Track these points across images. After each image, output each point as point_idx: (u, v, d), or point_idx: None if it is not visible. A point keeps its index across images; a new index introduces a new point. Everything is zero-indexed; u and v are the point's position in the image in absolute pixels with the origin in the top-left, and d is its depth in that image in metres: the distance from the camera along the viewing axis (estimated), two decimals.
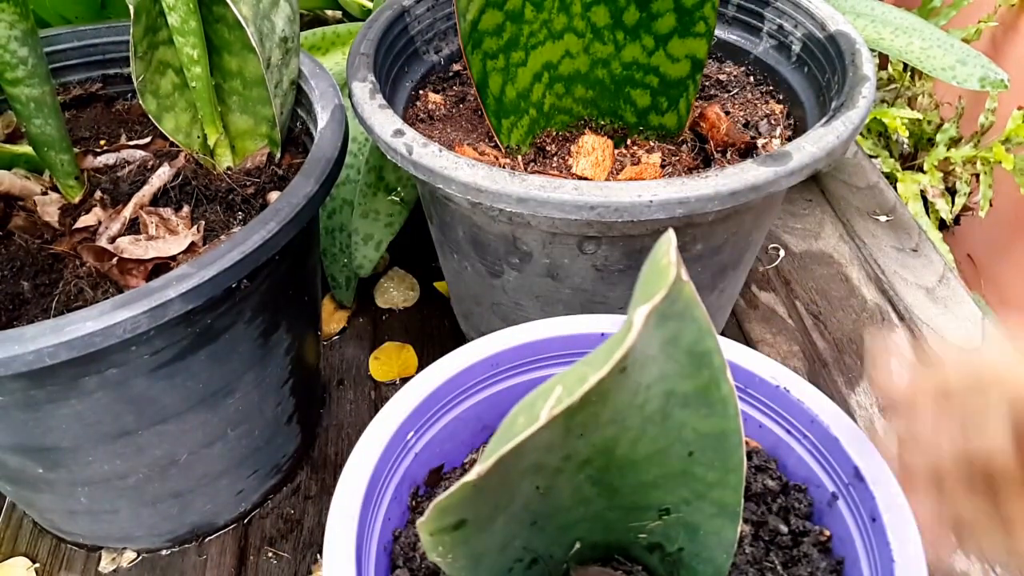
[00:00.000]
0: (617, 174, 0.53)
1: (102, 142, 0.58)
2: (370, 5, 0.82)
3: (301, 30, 0.56)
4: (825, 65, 0.53)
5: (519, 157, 0.55)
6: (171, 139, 0.52)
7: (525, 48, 0.52)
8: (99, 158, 0.55)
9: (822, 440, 0.38)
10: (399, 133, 0.47)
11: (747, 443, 0.41)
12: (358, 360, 0.71)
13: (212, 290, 0.39)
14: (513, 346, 0.41)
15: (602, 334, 0.42)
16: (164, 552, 0.56)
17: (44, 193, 0.52)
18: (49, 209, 0.50)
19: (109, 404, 0.43)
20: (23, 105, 0.46)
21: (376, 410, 0.67)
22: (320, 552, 0.56)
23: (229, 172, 0.53)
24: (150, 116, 0.50)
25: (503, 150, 0.54)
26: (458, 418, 0.41)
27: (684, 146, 0.55)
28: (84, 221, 0.49)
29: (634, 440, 0.29)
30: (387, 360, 0.71)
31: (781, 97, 0.57)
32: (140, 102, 0.49)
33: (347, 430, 0.65)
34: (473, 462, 0.43)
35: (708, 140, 0.55)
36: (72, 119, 0.59)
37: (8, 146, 0.54)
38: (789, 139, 0.54)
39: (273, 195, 0.51)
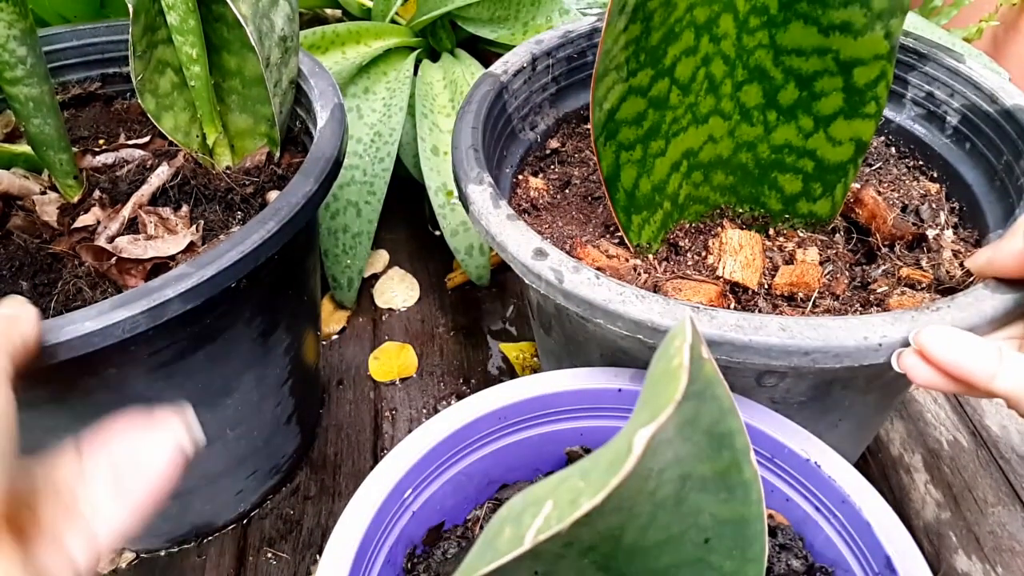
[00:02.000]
0: (772, 276, 0.46)
1: (100, 141, 0.58)
2: (370, 4, 0.81)
3: (300, 29, 0.56)
4: (1001, 146, 0.47)
5: (650, 256, 0.48)
6: (170, 138, 0.52)
7: (666, 136, 0.45)
8: (98, 157, 0.55)
9: (853, 522, 0.35)
10: (541, 254, 0.39)
11: (772, 517, 0.39)
12: (358, 360, 0.71)
13: (211, 290, 0.39)
14: (522, 399, 0.39)
15: (619, 390, 0.40)
16: (163, 553, 0.56)
17: (43, 192, 0.52)
18: (48, 208, 0.50)
19: (108, 404, 0.42)
20: (22, 104, 0.46)
21: (376, 410, 0.69)
22: (319, 553, 0.56)
23: (228, 171, 0.53)
24: (149, 115, 0.50)
25: (632, 249, 0.47)
26: (461, 473, 0.40)
27: (836, 235, 0.49)
28: (83, 220, 0.49)
29: (644, 527, 0.27)
30: (387, 360, 0.71)
31: (935, 175, 0.51)
32: (139, 101, 0.49)
33: (347, 431, 0.65)
34: (476, 519, 0.41)
35: (864, 228, 0.48)
36: (71, 118, 0.59)
37: (7, 145, 0.54)
38: (956, 227, 0.48)
39: (272, 194, 0.51)
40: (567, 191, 0.53)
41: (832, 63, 0.43)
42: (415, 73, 0.73)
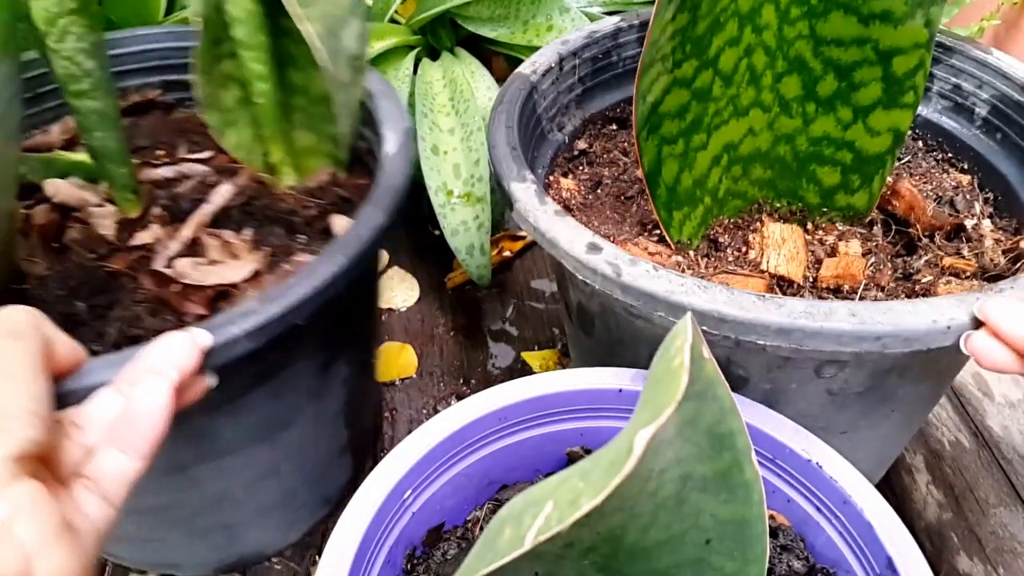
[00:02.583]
0: (816, 269, 0.46)
1: (160, 152, 0.55)
2: (369, 3, 0.80)
3: None
4: None
5: (691, 252, 0.47)
6: (232, 155, 0.50)
7: (708, 129, 0.45)
8: (158, 171, 0.53)
9: (854, 523, 0.35)
10: (595, 248, 0.39)
11: (774, 518, 0.39)
12: None
13: (279, 328, 0.37)
14: (523, 399, 0.39)
15: (619, 390, 0.39)
16: None
17: (100, 205, 0.50)
18: (105, 222, 0.48)
19: (168, 440, 0.41)
20: (85, 117, 0.45)
21: (375, 411, 0.66)
22: (319, 553, 0.57)
23: (291, 191, 0.51)
24: (212, 131, 0.48)
25: (672, 246, 0.46)
26: (461, 474, 0.39)
27: (874, 228, 0.48)
28: (141, 238, 0.48)
29: (644, 527, 0.27)
30: (386, 360, 0.71)
31: (966, 166, 0.52)
32: (202, 116, 0.48)
33: None
34: (476, 520, 0.41)
35: (901, 220, 0.48)
36: (130, 127, 0.57)
37: (66, 153, 0.52)
38: (991, 216, 0.48)
39: (336, 219, 0.49)
40: (599, 191, 0.52)
41: (871, 53, 0.43)
42: (414, 72, 0.73)
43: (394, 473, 0.36)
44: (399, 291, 0.78)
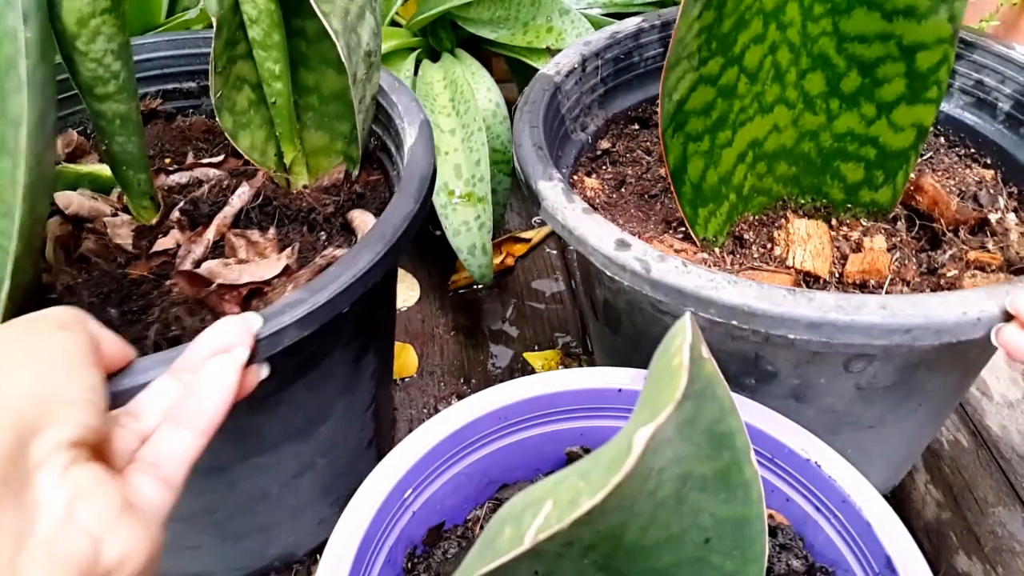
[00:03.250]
0: (842, 264, 0.46)
1: (167, 160, 0.56)
2: None
3: None
4: None
5: (717, 249, 0.47)
6: (246, 157, 0.50)
7: (733, 126, 0.45)
8: (171, 177, 0.53)
9: (853, 522, 0.35)
10: (623, 245, 0.39)
11: (772, 517, 0.39)
12: None
13: (326, 315, 0.38)
14: (523, 399, 0.39)
15: (619, 390, 0.40)
16: None
17: (114, 214, 0.50)
18: (121, 231, 0.48)
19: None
20: (108, 121, 0.44)
21: None
22: (319, 552, 0.57)
23: (306, 190, 0.51)
24: (226, 134, 0.48)
25: (698, 243, 0.47)
26: (461, 473, 0.39)
27: (898, 223, 0.49)
28: (162, 244, 0.48)
29: (644, 526, 0.27)
30: None
31: (988, 161, 0.52)
32: (217, 119, 0.47)
33: None
34: (477, 519, 0.41)
35: (924, 215, 0.48)
36: None
37: (71, 165, 0.52)
38: (1016, 210, 0.48)
39: (354, 213, 0.49)
40: (623, 190, 0.52)
41: (895, 48, 0.44)
42: (415, 73, 0.73)
43: (395, 472, 0.36)
44: (400, 291, 0.78)
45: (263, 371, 0.35)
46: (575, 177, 0.53)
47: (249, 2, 0.44)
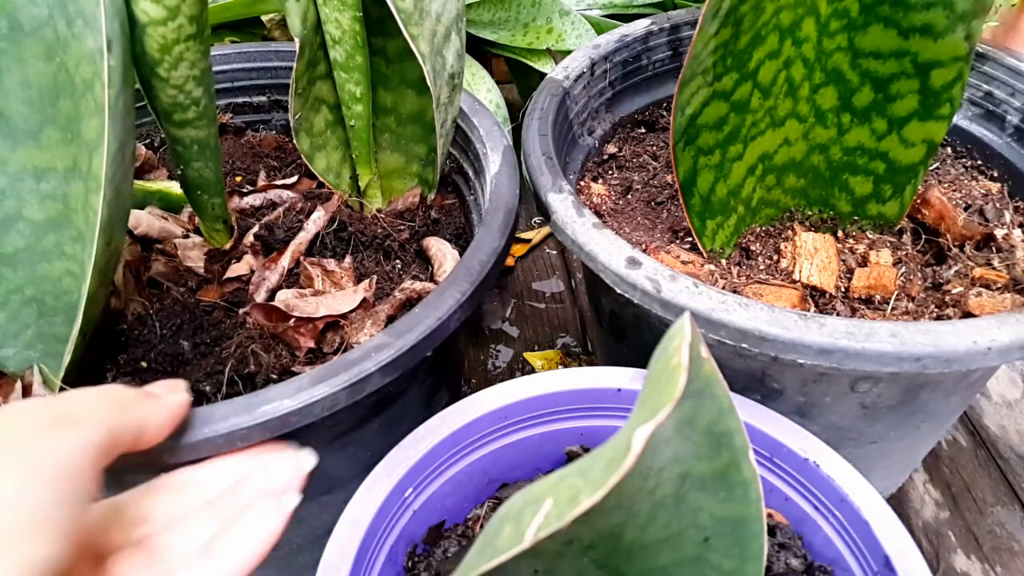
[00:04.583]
0: (847, 279, 0.46)
1: (238, 178, 0.54)
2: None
3: None
4: None
5: (723, 261, 0.47)
6: (321, 179, 0.49)
7: (744, 140, 0.45)
8: (245, 199, 0.51)
9: (852, 522, 0.35)
10: (634, 263, 0.38)
11: (771, 516, 0.39)
12: None
13: (410, 360, 0.36)
14: (523, 399, 0.39)
15: (618, 389, 0.40)
16: None
17: (186, 236, 0.48)
18: (192, 254, 0.47)
19: None
20: (185, 147, 0.42)
21: None
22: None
23: (380, 215, 0.50)
24: (302, 155, 0.47)
25: (705, 254, 0.46)
26: (462, 472, 0.39)
27: (904, 236, 0.49)
28: (236, 270, 0.46)
29: (643, 525, 0.27)
30: None
31: (995, 174, 0.52)
32: (294, 139, 0.46)
33: None
34: (477, 518, 0.41)
35: (930, 229, 0.48)
36: None
37: (140, 182, 0.50)
38: (1022, 226, 0.48)
39: (430, 241, 0.48)
40: (629, 196, 0.52)
41: (910, 65, 0.44)
42: None
43: (395, 471, 0.36)
44: None
45: (310, 461, 0.32)
46: (582, 183, 0.52)
47: (332, 22, 0.42)
